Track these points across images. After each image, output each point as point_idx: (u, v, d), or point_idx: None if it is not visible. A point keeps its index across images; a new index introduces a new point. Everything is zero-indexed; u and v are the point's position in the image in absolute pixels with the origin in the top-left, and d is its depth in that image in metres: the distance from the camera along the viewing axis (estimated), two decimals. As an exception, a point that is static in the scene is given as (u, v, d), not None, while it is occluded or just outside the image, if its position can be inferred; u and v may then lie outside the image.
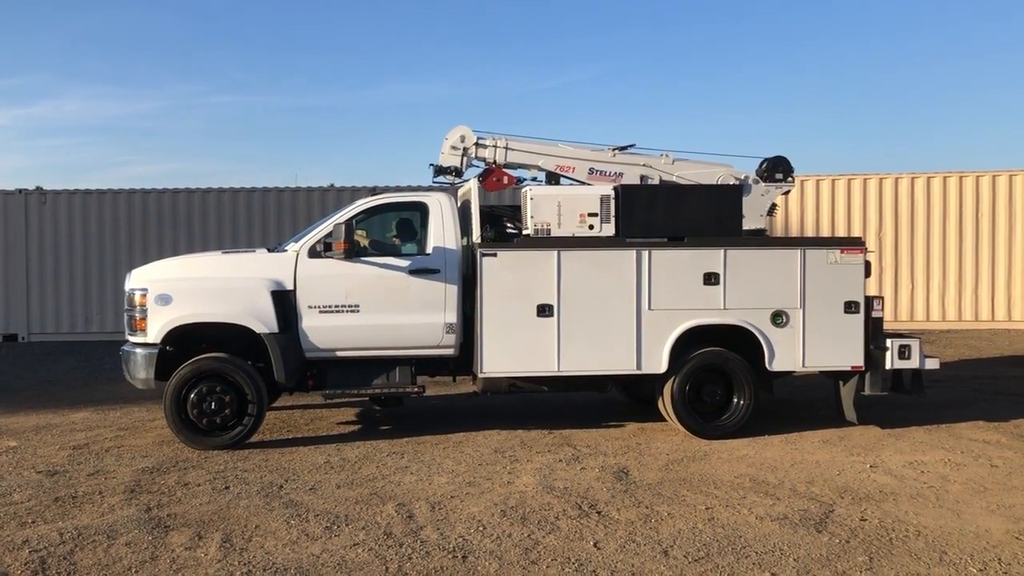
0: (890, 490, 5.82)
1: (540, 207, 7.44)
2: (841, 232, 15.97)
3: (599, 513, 5.32)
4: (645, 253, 7.36)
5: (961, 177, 16.24)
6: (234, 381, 7.07)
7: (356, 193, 17.14)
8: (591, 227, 7.43)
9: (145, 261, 16.97)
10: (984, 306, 16.00)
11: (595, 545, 4.75)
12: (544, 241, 7.40)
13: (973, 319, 15.95)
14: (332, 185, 17.50)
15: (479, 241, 7.42)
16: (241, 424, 7.11)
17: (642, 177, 8.02)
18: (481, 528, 5.04)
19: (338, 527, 5.08)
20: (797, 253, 7.49)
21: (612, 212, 7.45)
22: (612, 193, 7.51)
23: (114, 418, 8.77)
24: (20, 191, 16.98)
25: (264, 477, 6.26)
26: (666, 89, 43.01)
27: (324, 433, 7.84)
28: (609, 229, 7.46)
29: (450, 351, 7.51)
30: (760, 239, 7.84)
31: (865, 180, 16.42)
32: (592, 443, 7.31)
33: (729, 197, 7.72)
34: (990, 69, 38.78)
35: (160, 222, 17.09)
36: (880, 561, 4.49)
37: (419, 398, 7.88)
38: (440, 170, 8.17)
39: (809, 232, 16.24)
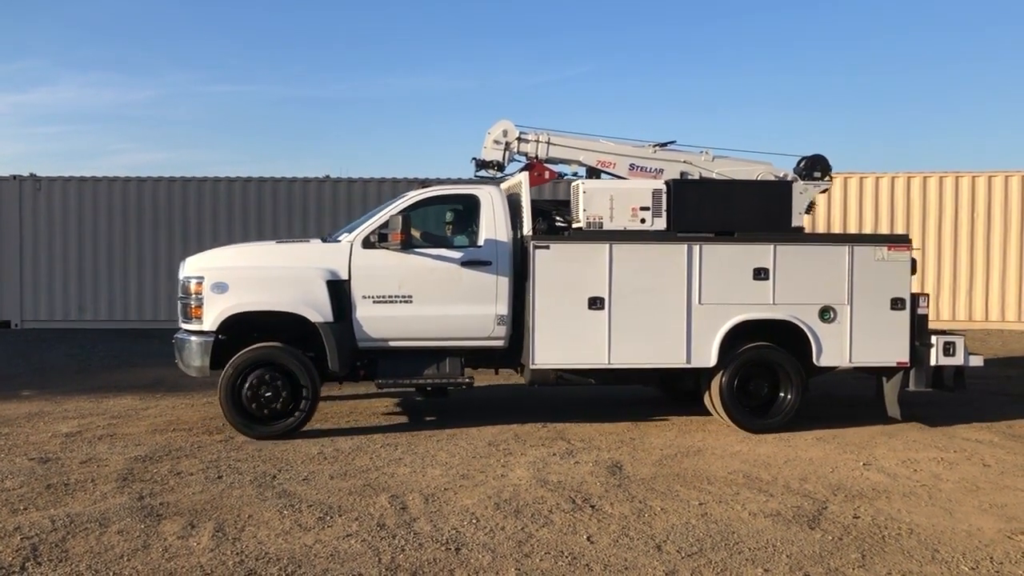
0: (883, 488, 5.84)
1: (593, 200, 7.47)
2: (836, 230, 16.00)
3: (592, 507, 5.32)
4: (696, 247, 7.41)
5: (957, 177, 16.27)
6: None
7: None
8: (643, 221, 7.47)
9: (140, 250, 17.15)
10: (978, 307, 16.06)
11: (588, 539, 4.75)
12: (596, 234, 7.43)
13: (967, 319, 16.00)
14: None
15: (531, 234, 7.46)
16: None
17: (682, 173, 8.08)
18: (474, 521, 5.04)
19: (331, 518, 5.08)
20: (845, 249, 7.55)
21: (663, 206, 7.48)
22: (664, 188, 7.55)
23: (107, 406, 8.74)
24: (14, 177, 16.89)
25: (257, 467, 6.25)
26: (665, 85, 43.00)
27: (318, 424, 7.82)
28: (660, 223, 7.48)
29: (500, 343, 7.55)
30: (809, 235, 7.92)
31: (862, 179, 16.43)
32: (586, 437, 7.31)
33: (779, 193, 7.79)
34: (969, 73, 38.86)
35: (155, 211, 17.04)
36: (873, 558, 4.50)
37: (415, 391, 7.88)
38: (482, 164, 8.27)
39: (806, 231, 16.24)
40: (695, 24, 42.41)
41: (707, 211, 7.51)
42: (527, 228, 7.52)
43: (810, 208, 8.16)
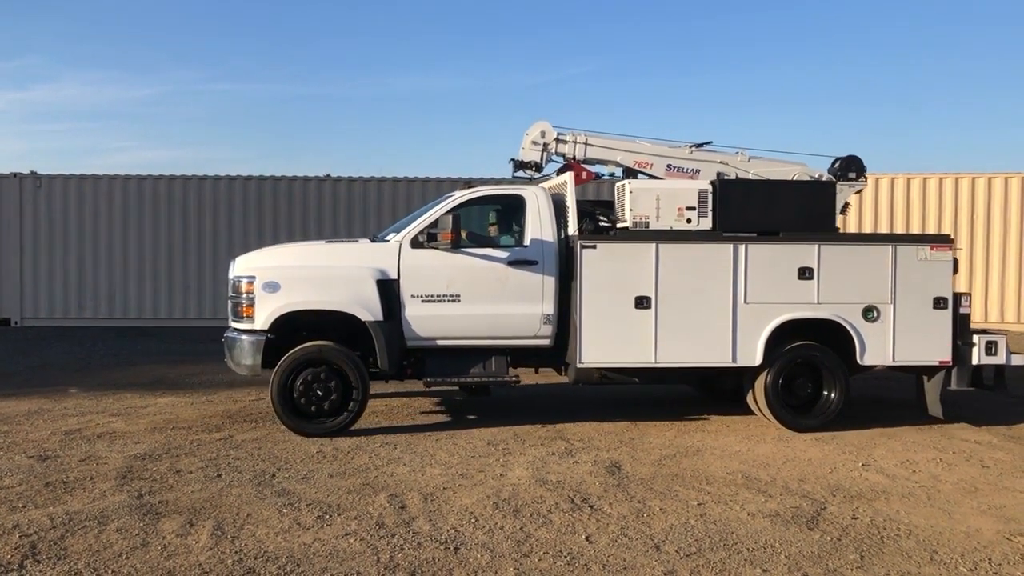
0: (882, 489, 5.84)
1: (639, 200, 7.51)
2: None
3: (591, 507, 5.33)
4: (741, 247, 7.46)
5: (957, 179, 16.29)
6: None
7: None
8: (688, 220, 7.51)
9: (141, 248, 17.14)
10: (978, 308, 16.05)
11: (587, 539, 4.75)
12: (643, 234, 7.46)
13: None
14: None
15: (576, 233, 7.50)
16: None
17: (718, 174, 8.14)
18: (473, 520, 5.04)
19: (330, 516, 5.08)
20: (888, 249, 7.59)
21: (709, 206, 7.52)
22: (710, 187, 7.59)
23: (106, 404, 8.74)
24: (15, 175, 16.90)
25: (256, 465, 6.25)
26: (665, 83, 42.98)
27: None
28: (706, 223, 7.52)
29: (546, 341, 7.60)
30: (853, 235, 8.00)
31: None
32: (585, 437, 7.32)
33: (823, 193, 7.86)
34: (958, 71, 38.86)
35: (156, 209, 17.05)
36: (871, 559, 4.50)
37: (416, 390, 7.88)
38: (520, 165, 8.37)
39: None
40: (695, 23, 42.41)
41: (752, 211, 7.57)
42: (572, 228, 7.58)
43: (844, 209, 8.26)
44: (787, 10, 41.55)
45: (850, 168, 8.18)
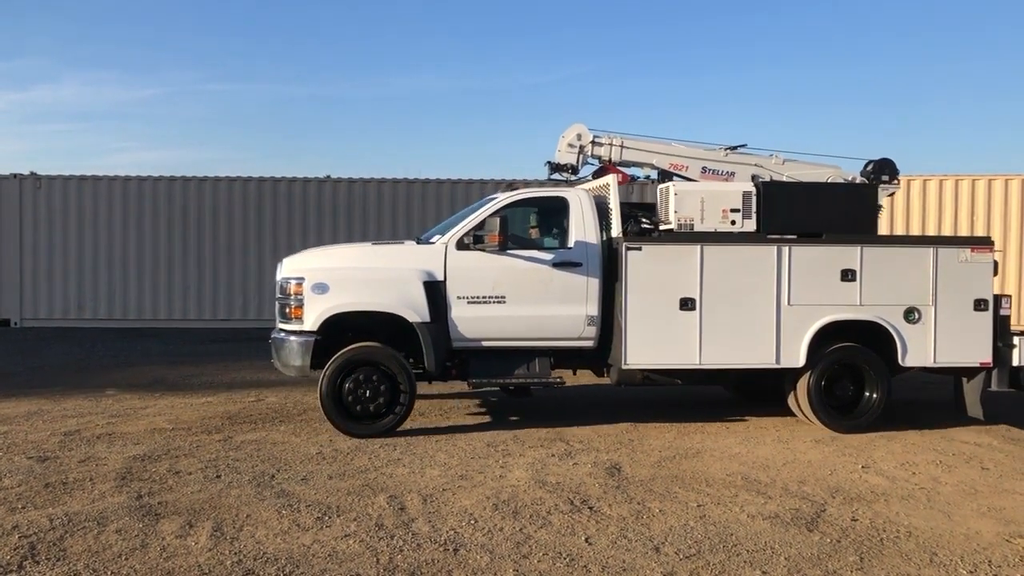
0: (881, 491, 5.84)
1: (684, 202, 7.54)
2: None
3: (591, 508, 5.32)
4: (785, 249, 7.49)
5: (957, 180, 16.31)
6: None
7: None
8: (732, 223, 7.55)
9: (140, 249, 17.13)
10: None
11: (586, 540, 4.75)
12: (688, 236, 7.49)
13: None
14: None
15: (620, 235, 7.52)
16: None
17: (753, 176, 8.19)
18: (473, 521, 5.04)
19: (329, 518, 5.07)
20: (930, 251, 7.64)
21: (753, 208, 7.56)
22: (754, 190, 7.62)
23: (106, 405, 8.74)
24: (15, 175, 16.90)
25: (256, 467, 6.24)
26: (665, 85, 43.00)
27: (316, 423, 7.82)
28: (750, 225, 7.56)
29: (590, 343, 7.64)
30: (895, 237, 8.04)
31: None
32: (585, 439, 7.31)
33: (865, 195, 7.93)
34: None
35: (155, 210, 17.05)
36: (871, 561, 4.50)
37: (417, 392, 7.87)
38: (556, 167, 8.44)
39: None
40: (696, 23, 42.42)
41: (795, 213, 7.62)
42: (616, 230, 7.61)
43: (878, 211, 8.26)
44: (788, 9, 41.57)
45: (883, 171, 8.25)
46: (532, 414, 8.34)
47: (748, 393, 9.07)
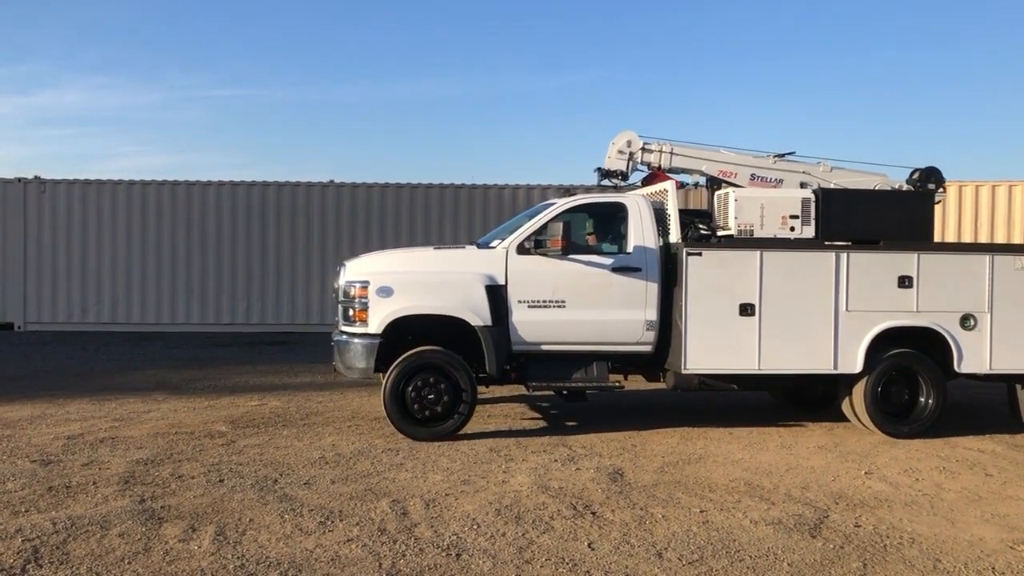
0: (885, 497, 5.83)
1: (744, 209, 7.60)
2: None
3: (594, 514, 5.32)
4: (843, 255, 7.54)
5: (961, 187, 16.33)
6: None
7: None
8: (792, 229, 7.60)
9: (143, 253, 17.16)
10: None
11: (589, 546, 4.74)
12: (748, 242, 7.56)
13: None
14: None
15: (679, 241, 7.57)
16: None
17: (801, 184, 8.24)
18: (475, 526, 5.03)
19: (332, 522, 5.07)
20: (986, 258, 7.72)
21: (812, 215, 7.61)
22: (812, 196, 7.68)
23: (109, 408, 8.75)
24: (19, 180, 16.95)
25: (259, 471, 6.25)
26: (666, 88, 43.01)
27: (319, 427, 7.83)
28: (809, 231, 7.62)
29: (648, 348, 7.67)
30: (951, 244, 8.07)
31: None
32: (588, 444, 7.31)
33: (922, 203, 8.00)
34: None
35: (159, 214, 17.10)
36: (874, 568, 4.49)
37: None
38: (606, 174, 8.52)
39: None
40: (696, 23, 42.47)
41: (853, 220, 7.68)
42: (675, 235, 7.65)
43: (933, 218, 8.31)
44: (789, 8, 41.62)
45: (929, 179, 8.29)
46: (534, 419, 8.33)
47: (796, 399, 9.11)
